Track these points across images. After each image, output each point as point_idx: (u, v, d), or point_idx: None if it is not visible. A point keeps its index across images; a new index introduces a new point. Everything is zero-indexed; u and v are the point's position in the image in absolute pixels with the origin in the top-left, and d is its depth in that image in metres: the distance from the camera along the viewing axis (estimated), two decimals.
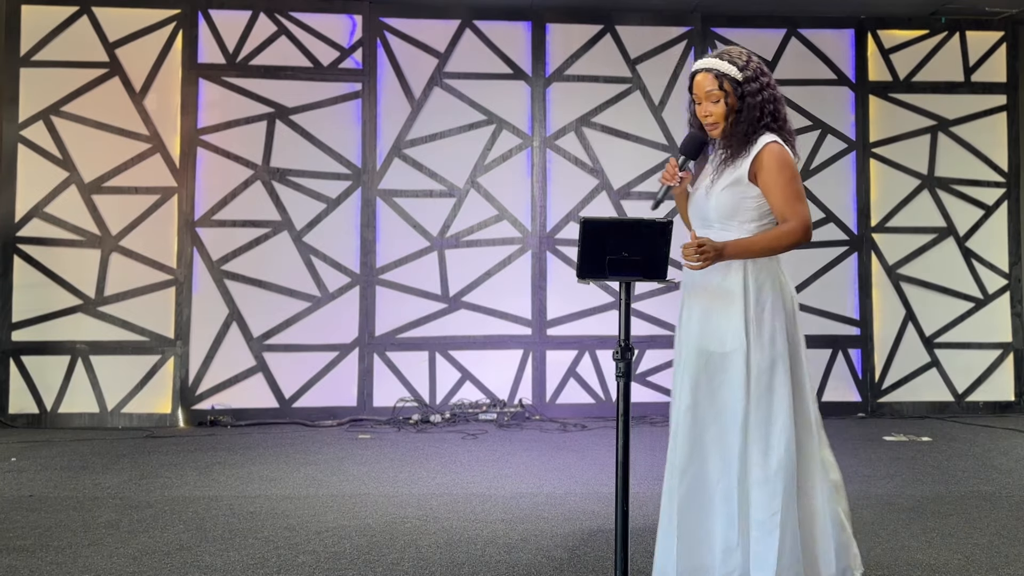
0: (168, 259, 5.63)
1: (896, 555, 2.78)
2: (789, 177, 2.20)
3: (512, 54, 5.94)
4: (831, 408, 5.97)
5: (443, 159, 5.86)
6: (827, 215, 6.05)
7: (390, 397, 5.71)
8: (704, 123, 2.26)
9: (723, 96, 2.22)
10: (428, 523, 3.17)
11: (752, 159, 2.22)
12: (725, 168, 2.25)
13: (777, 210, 2.22)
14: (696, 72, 2.25)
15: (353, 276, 5.78)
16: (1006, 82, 6.17)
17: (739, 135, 2.22)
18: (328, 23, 5.84)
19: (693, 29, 6.04)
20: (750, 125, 2.21)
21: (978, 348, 6.07)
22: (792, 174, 2.21)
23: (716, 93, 2.22)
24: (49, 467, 4.19)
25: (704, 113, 2.25)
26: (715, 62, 2.23)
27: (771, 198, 2.21)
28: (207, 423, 5.51)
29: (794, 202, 2.20)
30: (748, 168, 2.22)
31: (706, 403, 2.20)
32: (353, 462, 4.32)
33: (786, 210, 2.20)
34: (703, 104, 2.25)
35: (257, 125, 5.75)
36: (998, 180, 6.14)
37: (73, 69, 5.62)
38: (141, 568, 2.65)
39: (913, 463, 4.29)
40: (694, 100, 2.28)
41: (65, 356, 5.53)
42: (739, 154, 2.24)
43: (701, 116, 2.26)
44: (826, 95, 6.10)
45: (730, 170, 2.24)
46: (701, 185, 2.32)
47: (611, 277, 1.91)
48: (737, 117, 2.22)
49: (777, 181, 2.19)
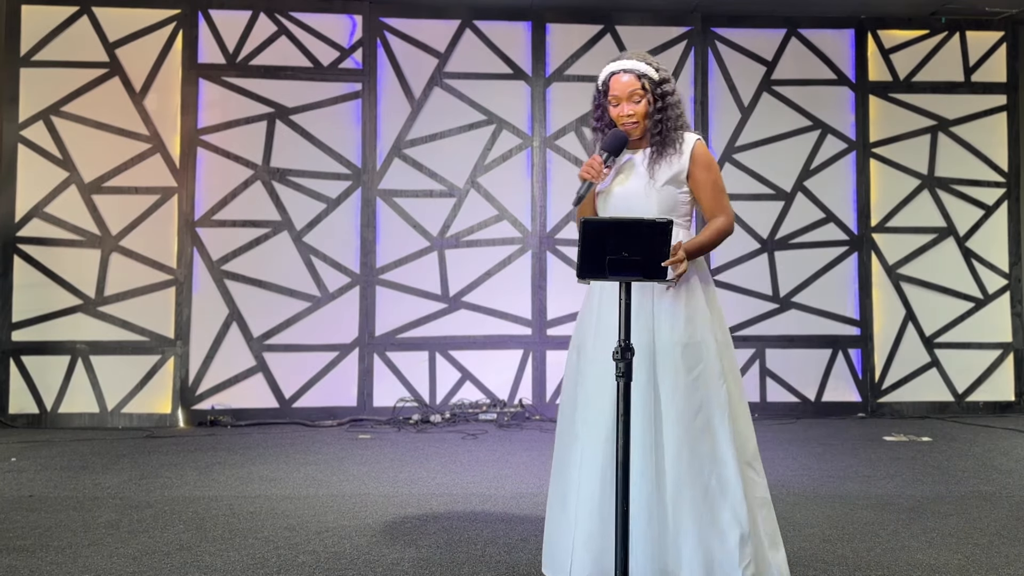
0: (168, 259, 5.63)
1: (896, 555, 2.78)
2: (717, 174, 2.35)
3: (512, 54, 5.94)
4: (831, 408, 5.97)
5: (443, 159, 5.86)
6: (827, 215, 6.05)
7: (390, 397, 5.72)
8: (623, 123, 2.29)
9: (644, 95, 2.28)
10: (428, 523, 3.17)
11: (689, 157, 2.30)
12: (656, 167, 2.29)
13: (708, 205, 2.33)
14: (614, 73, 2.29)
15: (353, 276, 5.78)
16: (1006, 82, 6.17)
17: (665, 134, 2.29)
18: (328, 23, 5.84)
19: (693, 29, 6.04)
20: (674, 123, 2.29)
21: (978, 348, 6.07)
22: (718, 171, 2.36)
23: (638, 92, 2.27)
24: (49, 467, 4.19)
25: (625, 112, 2.28)
26: (634, 63, 2.29)
27: (703, 194, 2.32)
28: (207, 423, 5.51)
29: (723, 198, 2.35)
30: (687, 166, 2.30)
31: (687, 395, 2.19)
32: (353, 462, 4.32)
33: (716, 207, 2.32)
34: (623, 104, 2.28)
35: (257, 125, 5.75)
36: (998, 180, 6.14)
37: (73, 69, 5.62)
38: (141, 568, 2.65)
39: (913, 463, 4.29)
40: (609, 101, 2.30)
41: (65, 356, 5.53)
42: (668, 153, 2.29)
43: (620, 116, 2.29)
44: (826, 95, 6.10)
45: (665, 168, 2.29)
46: (626, 184, 2.31)
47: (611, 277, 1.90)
48: (661, 116, 2.29)
49: (709, 178, 2.31)
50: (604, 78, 2.31)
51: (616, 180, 2.33)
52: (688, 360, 2.22)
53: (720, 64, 6.07)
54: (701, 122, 6.01)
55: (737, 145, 6.05)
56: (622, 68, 2.28)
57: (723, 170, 6.04)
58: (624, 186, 2.32)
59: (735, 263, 6.02)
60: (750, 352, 5.98)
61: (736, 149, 6.05)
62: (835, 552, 2.81)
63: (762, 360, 5.98)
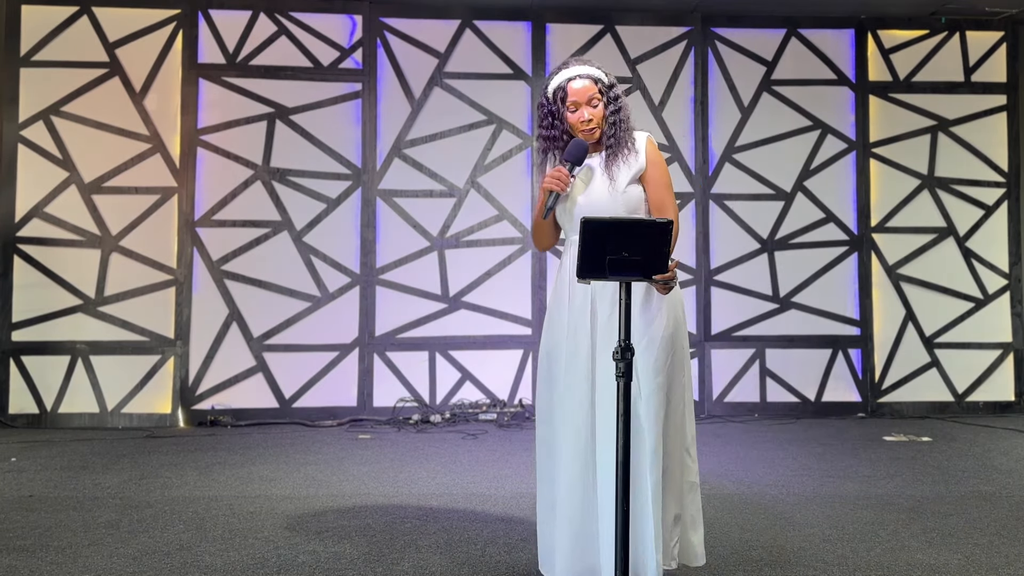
0: (168, 259, 5.63)
1: (896, 555, 2.78)
2: (667, 170, 2.38)
3: (512, 54, 5.94)
4: (831, 408, 5.97)
5: (443, 159, 5.86)
6: (827, 215, 6.06)
7: (390, 397, 5.72)
8: (583, 128, 2.30)
9: (600, 99, 2.30)
10: (428, 523, 3.17)
11: (644, 155, 2.32)
12: (614, 167, 2.30)
13: (658, 202, 2.33)
14: (570, 79, 2.29)
15: (353, 276, 5.78)
16: (1006, 82, 6.17)
17: (619, 136, 2.31)
18: (328, 23, 5.84)
19: (693, 29, 6.04)
20: (626, 124, 2.33)
21: (978, 348, 6.07)
22: (667, 168, 2.38)
23: (596, 97, 2.29)
24: (49, 467, 4.18)
25: (585, 118, 2.29)
26: (588, 68, 2.32)
27: (656, 191, 2.33)
28: (207, 423, 5.51)
29: (671, 196, 2.36)
30: (644, 165, 2.32)
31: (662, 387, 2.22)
32: (353, 462, 4.32)
33: (667, 203, 2.33)
34: (582, 109, 2.29)
35: (257, 125, 5.75)
36: (998, 180, 6.14)
37: (73, 69, 5.62)
38: (141, 568, 2.65)
39: (913, 463, 4.29)
40: (568, 107, 2.30)
41: (65, 356, 5.53)
42: (623, 153, 2.31)
43: (579, 121, 2.29)
44: (826, 95, 6.10)
45: (625, 169, 2.30)
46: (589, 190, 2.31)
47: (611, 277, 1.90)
48: (615, 119, 2.31)
49: (663, 175, 2.35)
50: (559, 85, 2.31)
51: (577, 188, 2.33)
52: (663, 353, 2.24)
53: (720, 64, 6.07)
54: (701, 122, 6.01)
55: (737, 145, 6.05)
56: (577, 74, 2.30)
57: (723, 170, 6.05)
58: (587, 193, 2.32)
59: (735, 263, 6.02)
60: (750, 352, 5.98)
61: (736, 149, 6.05)
62: (835, 552, 2.81)
63: (762, 360, 5.98)
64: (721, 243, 6.01)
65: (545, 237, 2.43)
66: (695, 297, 5.98)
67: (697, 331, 5.96)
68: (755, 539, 2.95)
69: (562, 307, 2.34)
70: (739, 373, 5.97)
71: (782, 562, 2.71)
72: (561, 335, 2.32)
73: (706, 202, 6.01)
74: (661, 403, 2.21)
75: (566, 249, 2.39)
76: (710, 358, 5.96)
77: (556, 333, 2.34)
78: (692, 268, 5.98)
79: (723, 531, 3.04)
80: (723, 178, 6.03)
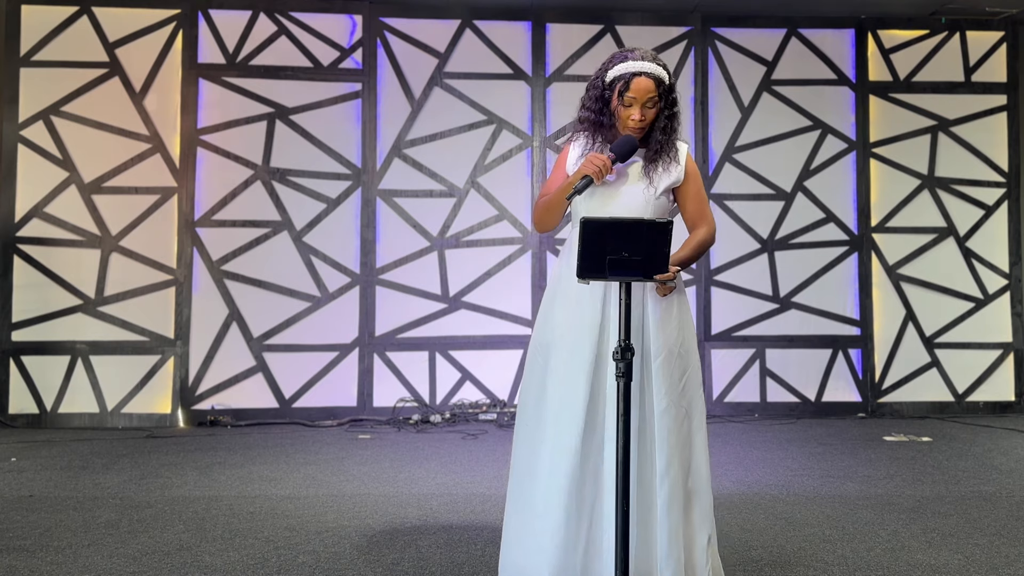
0: (168, 259, 5.63)
1: (896, 555, 2.78)
2: (702, 183, 2.35)
3: (512, 54, 5.94)
4: (831, 408, 5.97)
5: (443, 159, 5.86)
6: (827, 215, 6.06)
7: (390, 397, 5.72)
8: (634, 126, 2.23)
9: (657, 103, 2.23)
10: (428, 523, 3.17)
11: (684, 168, 2.29)
12: (654, 172, 2.25)
13: (695, 215, 2.31)
14: (637, 75, 2.19)
15: (353, 276, 5.78)
16: (1006, 82, 6.17)
17: (666, 141, 2.26)
18: (328, 23, 5.84)
19: (693, 29, 6.04)
20: (677, 132, 2.29)
21: (978, 348, 6.07)
22: (702, 181, 2.35)
23: (654, 99, 2.22)
24: (49, 467, 4.19)
25: (639, 116, 2.21)
26: (656, 68, 2.22)
27: (691, 203, 2.31)
28: (207, 423, 5.51)
29: (708, 208, 2.35)
30: (683, 175, 2.28)
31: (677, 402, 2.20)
32: (353, 462, 4.32)
33: (700, 217, 2.31)
34: (638, 107, 2.21)
35: (257, 125, 5.75)
36: (998, 180, 6.14)
37: (73, 69, 5.62)
38: (141, 568, 2.65)
39: (913, 463, 4.29)
40: (624, 101, 2.22)
41: (65, 356, 5.53)
42: (665, 161, 2.26)
43: (630, 118, 2.22)
44: (826, 95, 6.10)
45: (664, 175, 2.26)
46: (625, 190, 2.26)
47: (611, 277, 1.90)
48: (667, 124, 2.25)
49: (699, 188, 2.32)
50: (621, 75, 2.20)
51: (614, 184, 2.26)
52: (679, 367, 2.22)
53: (720, 64, 6.07)
54: (701, 122, 6.01)
55: (737, 145, 6.05)
56: (645, 71, 2.19)
57: (723, 170, 6.05)
58: (624, 192, 2.25)
59: (735, 263, 6.02)
60: (750, 352, 5.98)
61: (736, 149, 6.05)
62: (835, 552, 2.81)
63: (762, 360, 5.98)
64: (721, 243, 6.00)
65: (552, 218, 2.31)
66: (695, 297, 5.98)
67: (697, 331, 5.95)
68: (755, 539, 2.95)
69: (566, 303, 2.25)
70: (739, 373, 5.97)
71: (782, 562, 2.71)
72: (561, 332, 2.24)
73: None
74: (674, 423, 2.17)
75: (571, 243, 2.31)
76: (710, 358, 5.96)
77: (556, 326, 2.25)
78: (692, 268, 5.98)
79: (723, 531, 3.04)
80: (723, 178, 6.03)
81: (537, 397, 2.26)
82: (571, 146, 2.35)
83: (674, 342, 2.21)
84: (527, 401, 2.30)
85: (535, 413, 2.26)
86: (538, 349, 2.29)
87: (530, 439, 2.26)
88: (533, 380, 2.28)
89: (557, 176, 2.34)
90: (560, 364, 2.22)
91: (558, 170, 2.35)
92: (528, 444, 2.26)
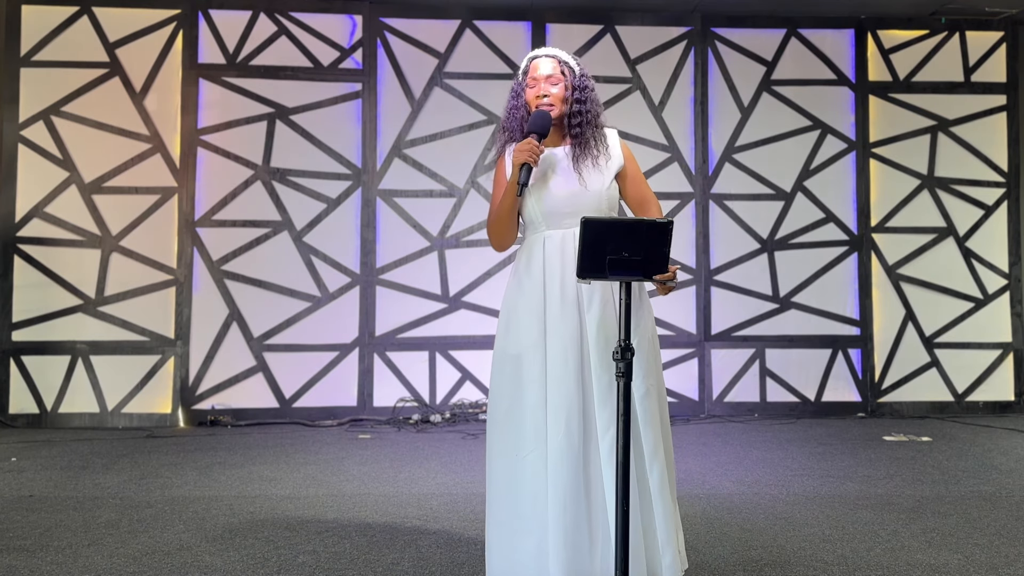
0: (168, 259, 5.63)
1: (896, 555, 2.78)
2: (638, 164, 2.39)
3: (512, 54, 5.94)
4: (831, 408, 5.97)
5: (443, 159, 5.86)
6: (827, 215, 6.06)
7: (390, 397, 5.72)
8: (538, 104, 2.25)
9: (562, 80, 2.26)
10: (428, 523, 3.17)
11: (621, 152, 2.32)
12: (591, 162, 2.25)
13: (640, 197, 2.34)
14: (535, 58, 2.30)
15: (353, 276, 5.78)
16: (1006, 82, 6.17)
17: (585, 127, 2.27)
18: (328, 23, 5.84)
19: (693, 29, 6.04)
20: (595, 118, 2.29)
21: (978, 348, 6.07)
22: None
23: (557, 76, 2.26)
24: (49, 467, 4.19)
25: (541, 94, 2.25)
26: (556, 51, 2.31)
27: (634, 187, 2.33)
28: (207, 423, 5.51)
29: (649, 188, 2.38)
30: (623, 161, 2.31)
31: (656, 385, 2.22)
32: (353, 462, 4.32)
33: (649, 197, 2.35)
34: (539, 86, 2.26)
35: (257, 125, 5.75)
36: (998, 180, 6.14)
37: (73, 69, 5.62)
38: (141, 568, 2.65)
39: (913, 463, 4.29)
40: (527, 84, 2.28)
41: (65, 356, 5.53)
42: (596, 149, 2.27)
43: (536, 96, 2.26)
44: (826, 95, 6.10)
45: (602, 164, 2.26)
46: (557, 180, 2.24)
47: (611, 277, 1.90)
48: (580, 107, 2.26)
49: (639, 170, 2.37)
50: (525, 64, 2.32)
51: (548, 178, 2.24)
52: (652, 352, 2.23)
53: (720, 64, 6.07)
54: (701, 122, 6.01)
55: (737, 145, 6.05)
56: (544, 53, 2.30)
57: (723, 170, 6.05)
58: (557, 185, 2.24)
59: (735, 263, 6.02)
60: (750, 352, 5.98)
61: (736, 149, 6.05)
62: (835, 552, 2.81)
63: (762, 360, 5.98)
64: (721, 243, 6.01)
65: (507, 231, 2.30)
66: (695, 297, 5.98)
67: (697, 331, 5.96)
68: (755, 539, 2.95)
69: (531, 309, 2.22)
70: (739, 373, 5.97)
71: (782, 562, 2.71)
72: (532, 338, 2.19)
73: (706, 202, 6.01)
74: (654, 404, 2.19)
75: (531, 247, 2.29)
76: (710, 358, 5.96)
77: (523, 336, 2.20)
78: (692, 268, 5.98)
79: (723, 531, 3.04)
80: (723, 178, 6.03)
81: (509, 408, 2.20)
82: (504, 158, 2.34)
83: (644, 328, 2.22)
84: (498, 416, 2.22)
85: (510, 425, 2.19)
86: (505, 360, 2.23)
87: (508, 451, 2.19)
88: (503, 392, 2.22)
89: (498, 191, 2.32)
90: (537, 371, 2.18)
91: (498, 186, 2.34)
92: (505, 456, 2.20)
